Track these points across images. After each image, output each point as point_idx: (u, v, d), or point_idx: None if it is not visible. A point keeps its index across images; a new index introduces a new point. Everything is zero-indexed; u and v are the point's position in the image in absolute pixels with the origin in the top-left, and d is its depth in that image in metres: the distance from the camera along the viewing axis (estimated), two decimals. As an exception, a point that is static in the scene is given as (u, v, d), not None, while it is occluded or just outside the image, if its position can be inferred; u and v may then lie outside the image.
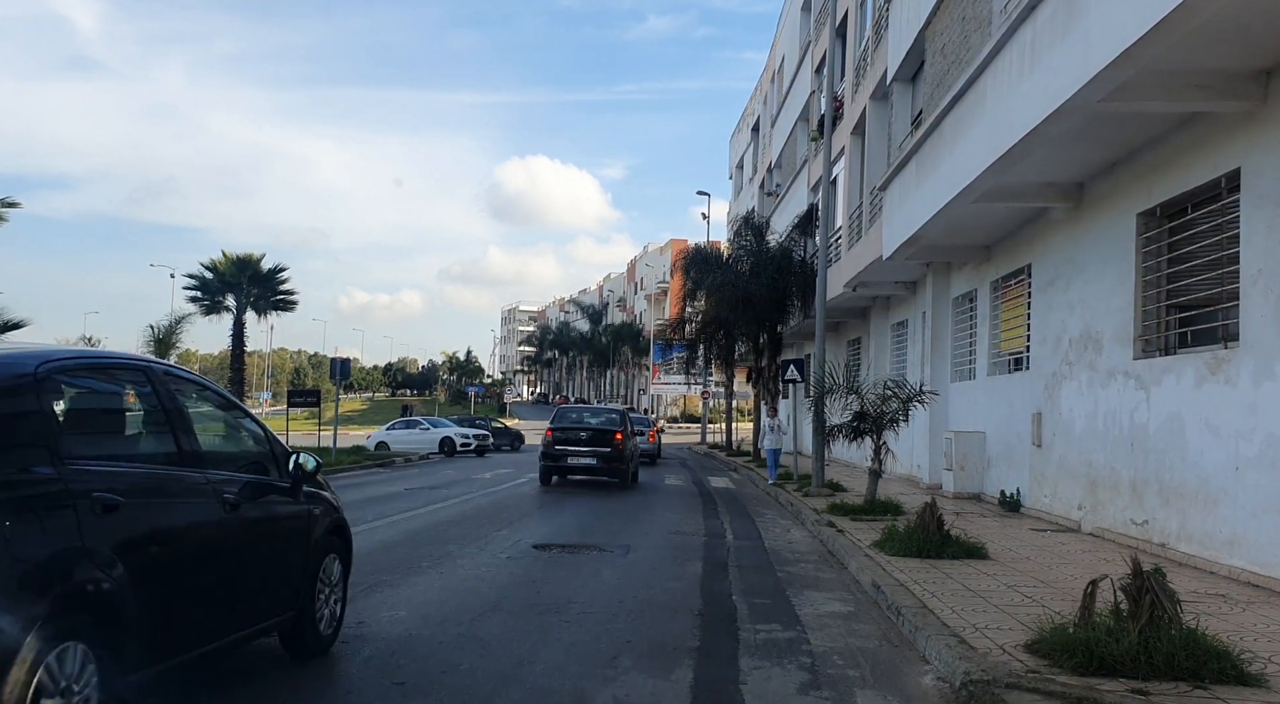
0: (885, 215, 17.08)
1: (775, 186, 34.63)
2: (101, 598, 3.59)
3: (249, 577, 4.92)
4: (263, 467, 5.34)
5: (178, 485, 4.42)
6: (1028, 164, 11.13)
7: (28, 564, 3.34)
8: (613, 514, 14.41)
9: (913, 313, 21.10)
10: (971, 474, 16.09)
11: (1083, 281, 12.10)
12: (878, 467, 14.01)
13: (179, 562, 4.30)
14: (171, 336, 28.74)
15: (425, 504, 14.84)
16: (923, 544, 9.45)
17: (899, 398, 14.04)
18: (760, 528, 13.11)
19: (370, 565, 8.80)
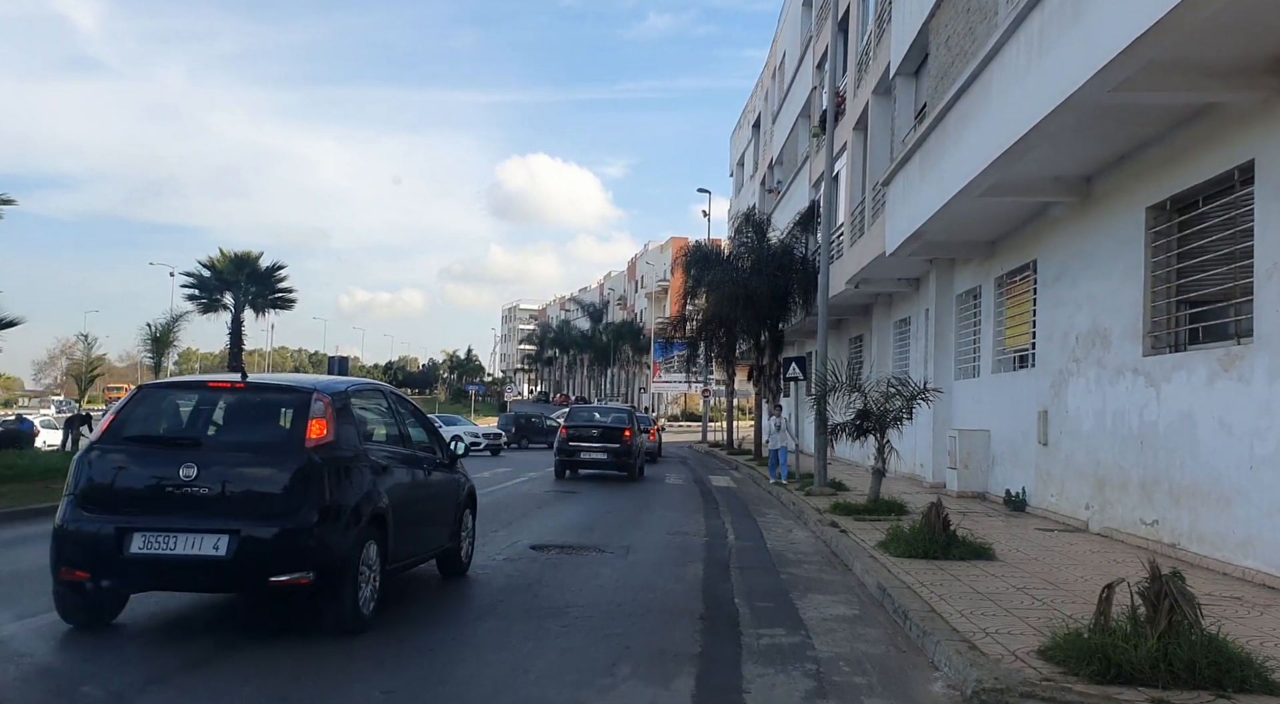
0: (888, 211, 16.87)
1: (776, 183, 34.40)
2: (382, 518, 6.46)
3: (434, 519, 7.77)
4: (433, 450, 8.13)
5: (403, 458, 7.30)
6: (1034, 158, 10.93)
7: (357, 497, 6.21)
8: (613, 514, 14.22)
9: (915, 310, 20.90)
10: (976, 473, 15.89)
11: (1090, 277, 11.89)
12: (881, 466, 13.82)
13: (407, 503, 7.02)
14: (169, 335, 28.54)
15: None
16: (928, 545, 9.25)
17: (903, 396, 13.83)
18: (762, 528, 12.92)
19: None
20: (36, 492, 14.19)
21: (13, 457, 18.71)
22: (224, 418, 6.55)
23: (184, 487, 5.76)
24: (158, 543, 5.68)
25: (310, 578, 5.77)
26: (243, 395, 6.51)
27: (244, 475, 5.94)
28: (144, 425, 6.32)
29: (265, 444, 6.19)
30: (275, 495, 5.86)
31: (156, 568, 5.74)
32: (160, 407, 6.53)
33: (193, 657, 5.58)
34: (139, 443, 6.17)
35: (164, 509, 5.78)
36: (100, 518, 5.81)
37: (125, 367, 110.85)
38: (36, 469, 17.47)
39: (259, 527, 5.73)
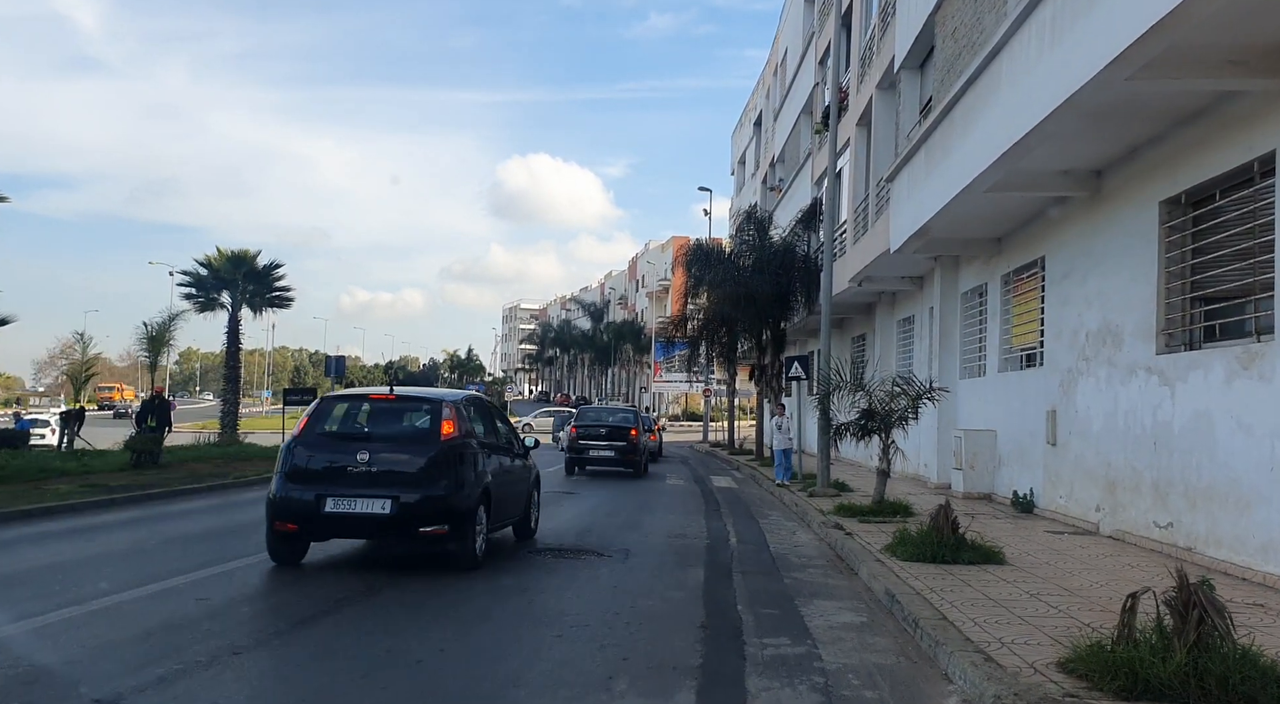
0: (893, 207, 16.58)
1: (778, 181, 34.11)
2: (488, 491, 8.71)
3: (516, 494, 10.06)
4: (512, 442, 10.58)
5: (497, 449, 9.68)
6: (1044, 151, 10.65)
7: (474, 474, 8.54)
8: (612, 515, 13.94)
9: (919, 308, 20.62)
10: (982, 474, 15.61)
11: (1101, 274, 11.61)
12: (886, 466, 13.53)
13: (501, 481, 9.34)
14: (165, 334, 28.24)
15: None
16: (937, 548, 8.97)
17: (908, 395, 13.54)
18: (765, 530, 12.64)
19: (355, 572, 8.35)
20: (27, 493, 13.94)
21: (6, 456, 18.46)
22: (382, 419, 9.10)
23: (359, 467, 8.26)
24: (343, 504, 8.14)
25: (445, 529, 8.25)
26: (394, 404, 9.25)
27: (399, 458, 8.46)
28: (328, 425, 8.91)
29: (413, 437, 8.80)
30: (421, 472, 8.33)
31: (343, 522, 8.26)
32: (336, 411, 9.18)
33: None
34: (326, 437, 8.74)
35: (346, 482, 8.24)
36: (303, 488, 8.28)
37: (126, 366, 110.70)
38: (31, 469, 17.23)
39: (411, 493, 8.17)
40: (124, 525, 11.74)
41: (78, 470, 18.19)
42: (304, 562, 8.67)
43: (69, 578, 7.79)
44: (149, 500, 14.48)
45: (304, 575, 8.23)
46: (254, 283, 30.83)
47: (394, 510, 8.05)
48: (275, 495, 8.36)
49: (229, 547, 9.79)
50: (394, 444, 8.65)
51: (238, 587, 7.58)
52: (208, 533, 11.26)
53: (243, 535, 10.84)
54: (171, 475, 17.77)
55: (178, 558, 8.99)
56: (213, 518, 12.89)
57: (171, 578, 7.70)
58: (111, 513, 13.01)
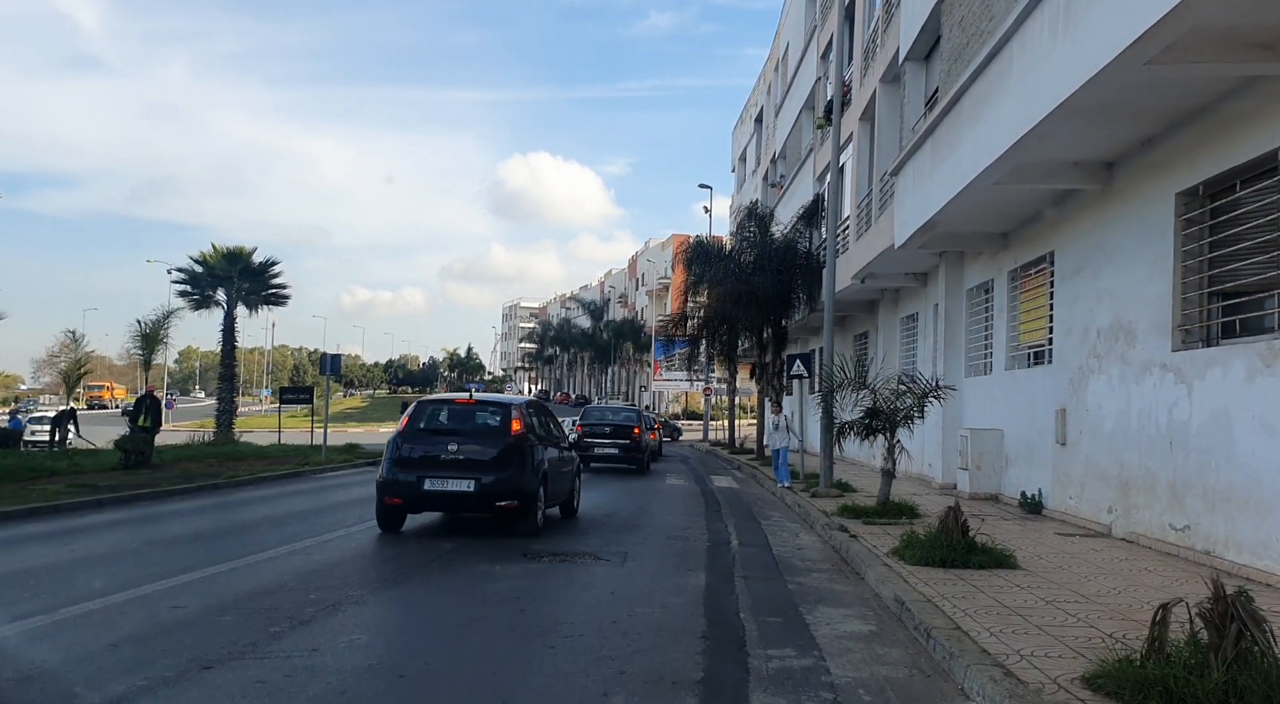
0: (897, 201, 16.25)
1: (779, 178, 33.77)
2: (545, 475, 10.92)
3: (563, 478, 12.06)
4: (560, 437, 12.73)
5: (550, 441, 11.71)
6: (1056, 142, 10.33)
7: (535, 461, 10.74)
8: (611, 516, 13.61)
9: (924, 305, 20.30)
10: (988, 474, 15.29)
11: (1113, 268, 11.29)
12: (891, 467, 13.21)
13: (554, 468, 11.38)
14: (159, 332, 27.89)
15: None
16: (946, 552, 8.65)
17: (914, 393, 13.24)
18: (767, 532, 12.32)
19: (341, 578, 8.03)
20: (13, 493, 13.61)
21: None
22: (464, 419, 11.19)
23: (449, 455, 10.46)
24: (437, 484, 10.29)
25: (515, 504, 10.42)
26: (473, 406, 11.42)
27: (479, 449, 10.57)
28: (423, 423, 11.11)
29: (489, 432, 10.85)
30: (496, 459, 10.45)
31: (438, 498, 10.43)
32: (429, 412, 11.37)
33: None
34: (423, 433, 10.90)
35: (439, 467, 10.38)
36: (406, 471, 10.41)
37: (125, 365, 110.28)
38: (21, 469, 16.92)
39: (489, 475, 10.31)
40: (108, 528, 11.42)
41: (68, 470, 17.88)
42: (286, 583, 8.28)
43: (40, 585, 7.47)
44: (137, 501, 14.15)
45: (286, 589, 7.90)
46: (250, 280, 30.53)
47: (476, 489, 10.24)
48: (384, 477, 10.52)
49: (216, 549, 9.48)
50: (474, 438, 10.75)
51: (219, 594, 7.25)
52: (195, 535, 10.93)
53: (229, 538, 10.54)
54: (162, 475, 17.44)
55: (159, 562, 8.66)
56: (201, 519, 12.56)
57: (147, 584, 7.37)
58: (97, 514, 12.69)
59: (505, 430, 10.69)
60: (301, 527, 11.33)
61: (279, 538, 10.21)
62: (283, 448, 27.13)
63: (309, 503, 14.70)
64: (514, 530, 10.53)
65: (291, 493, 16.38)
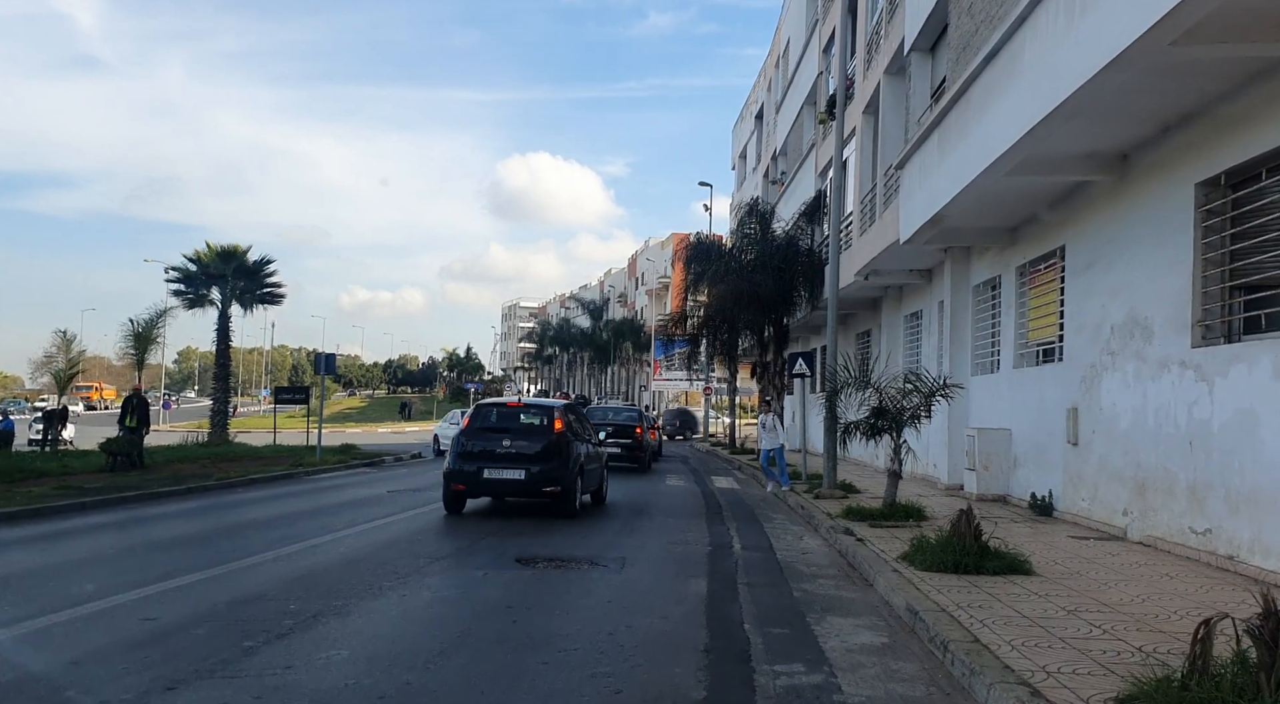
0: (903, 195, 15.88)
1: (780, 175, 33.39)
2: (581, 466, 12.94)
3: (595, 471, 13.95)
4: (592, 436, 14.33)
5: (583, 439, 13.60)
6: (1069, 131, 9.96)
7: (574, 455, 12.79)
8: (609, 518, 13.24)
9: (928, 303, 19.93)
10: (996, 475, 14.91)
11: (1127, 263, 10.92)
12: (897, 467, 12.83)
13: (587, 461, 13.35)
14: (152, 331, 27.48)
15: (405, 509, 13.65)
16: (958, 557, 8.29)
17: (921, 392, 12.86)
18: (770, 535, 11.95)
19: (325, 586, 7.65)
20: (1, 496, 13.26)
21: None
22: (514, 419, 13.20)
23: (503, 449, 12.47)
24: (494, 473, 12.31)
25: (559, 489, 12.35)
26: (522, 409, 13.53)
27: (528, 444, 12.52)
28: (481, 423, 13.18)
29: (536, 431, 12.77)
30: (542, 453, 12.41)
31: (495, 484, 12.42)
32: (486, 413, 13.51)
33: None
34: (482, 430, 12.94)
35: (496, 459, 12.38)
36: (468, 463, 12.43)
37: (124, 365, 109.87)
38: (10, 470, 16.56)
39: (536, 466, 12.31)
40: (89, 532, 11.04)
41: (57, 471, 17.52)
42: (266, 592, 7.95)
43: (6, 594, 7.11)
44: (123, 504, 13.79)
45: (266, 598, 7.53)
46: (244, 279, 30.13)
47: (526, 477, 12.28)
48: (451, 468, 12.68)
49: (197, 555, 9.11)
50: (524, 435, 12.77)
51: (194, 603, 6.88)
52: (178, 540, 10.56)
53: (213, 543, 10.18)
54: (152, 477, 17.07)
55: (136, 569, 8.29)
56: (186, 523, 12.20)
57: (120, 593, 7.00)
58: (80, 518, 12.32)
59: (549, 429, 12.79)
60: (289, 531, 10.95)
61: (264, 543, 9.83)
62: (277, 449, 26.77)
63: (299, 506, 14.33)
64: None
65: (282, 495, 16.01)
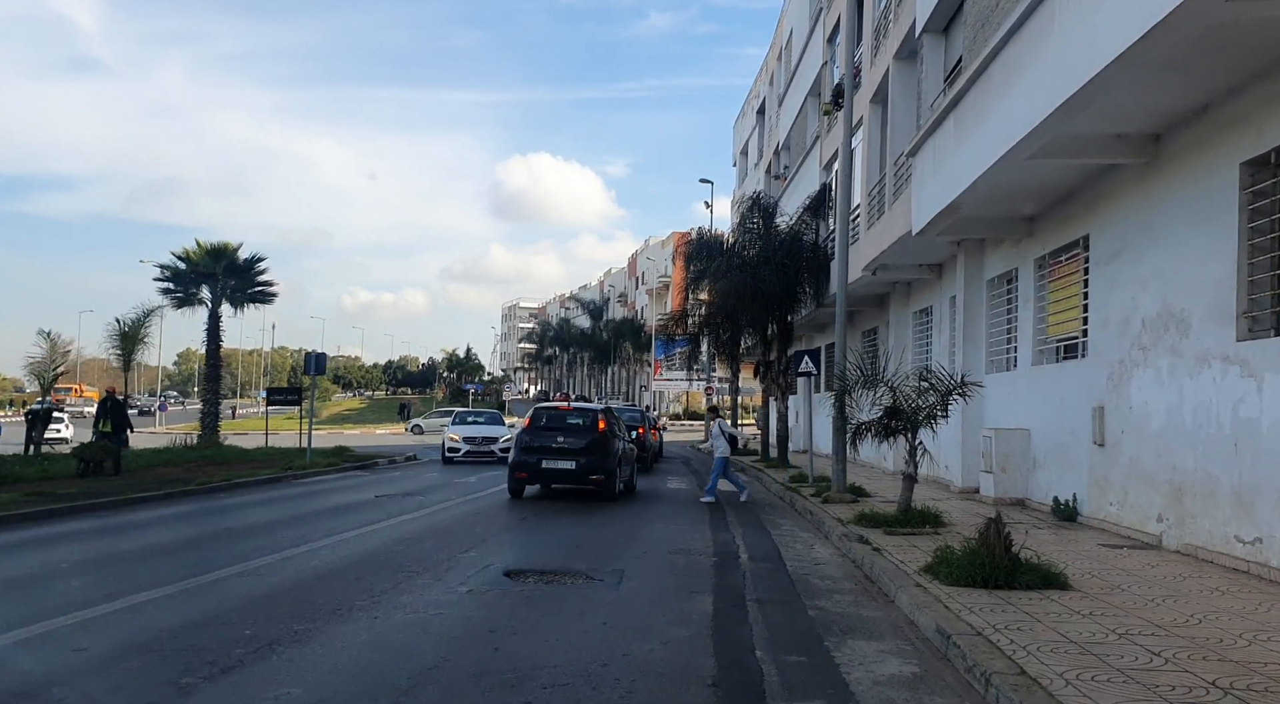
0: (915, 184, 15.13)
1: (783, 169, 32.64)
2: (620, 459, 16.14)
3: (629, 463, 17.13)
4: (624, 434, 17.64)
5: (620, 436, 16.85)
6: (1100, 109, 9.23)
7: (614, 449, 15.89)
8: (607, 525, 12.52)
9: (938, 298, 19.20)
10: (1015, 477, 14.17)
11: (1160, 251, 10.19)
12: (913, 470, 12.10)
13: (623, 455, 16.49)
14: (139, 331, 26.72)
15: (392, 516, 12.92)
16: (988, 570, 7.56)
17: (937, 391, 12.12)
18: (778, 543, 11.22)
19: (289, 607, 6.92)
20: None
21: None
22: (566, 419, 15.85)
23: (557, 444, 15.04)
24: (551, 463, 14.96)
25: (603, 478, 14.96)
26: (572, 411, 16.45)
27: (577, 440, 15.05)
28: (539, 422, 15.80)
29: (584, 429, 15.24)
30: (589, 447, 15.00)
31: (551, 473, 15.07)
32: (543, 414, 16.19)
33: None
34: (540, 428, 15.60)
35: (552, 452, 14.93)
36: (530, 455, 15.11)
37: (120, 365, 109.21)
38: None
39: (585, 459, 14.88)
40: (45, 544, 10.31)
41: (35, 476, 16.83)
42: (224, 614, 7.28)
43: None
44: (95, 511, 13.09)
45: (221, 621, 6.80)
46: (235, 277, 29.39)
47: (576, 467, 14.83)
48: (516, 460, 15.48)
49: (155, 570, 8.37)
50: (574, 433, 15.31)
51: (138, 629, 6.14)
52: (139, 552, 9.80)
53: (177, 555, 9.45)
54: (131, 482, 16.34)
55: (82, 587, 7.56)
56: (154, 533, 11.45)
57: (57, 617, 6.27)
58: (48, 526, 11.63)
59: (594, 428, 15.39)
60: (263, 541, 10.23)
61: (232, 555, 9.11)
62: (269, 451, 26.05)
63: (279, 512, 13.61)
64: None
65: (264, 501, 15.29)
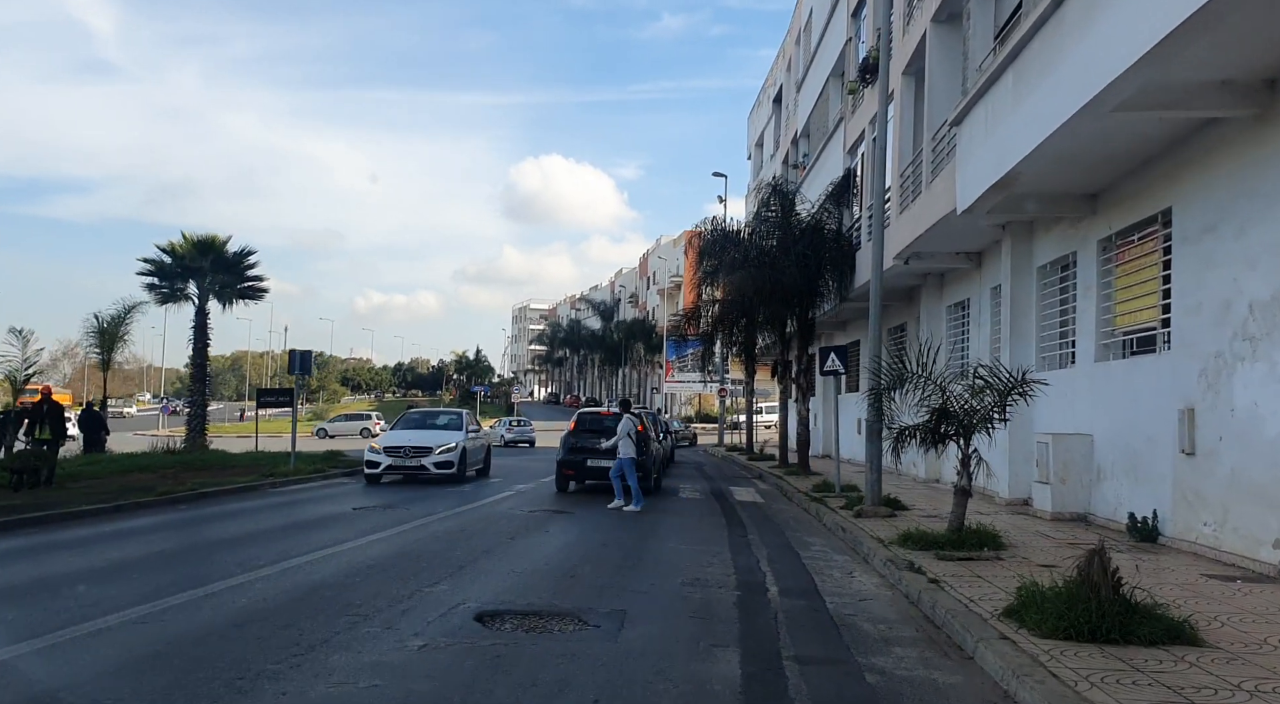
0: (961, 156, 13.40)
1: (802, 158, 30.92)
2: (655, 458, 18.95)
3: (652, 464, 18.11)
4: (656, 435, 21.67)
5: (653, 439, 19.26)
6: (1204, 47, 7.52)
7: (651, 449, 17.88)
8: (608, 546, 10.83)
9: (977, 290, 17.46)
10: (1075, 489, 12.45)
11: (1273, 222, 8.46)
12: (966, 483, 10.36)
13: (658, 457, 20.46)
14: (119, 328, 25.17)
15: (362, 534, 11.22)
16: (1095, 618, 5.86)
17: (994, 389, 10.38)
18: (811, 569, 9.50)
19: (174, 672, 5.23)
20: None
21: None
22: (607, 423, 17.49)
23: (600, 444, 16.75)
24: (594, 463, 16.89)
25: (640, 476, 15.41)
26: (613, 416, 17.11)
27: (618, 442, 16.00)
28: (583, 425, 18.27)
29: (624, 432, 15.44)
30: None
31: (594, 471, 16.98)
32: (585, 419, 18.68)
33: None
34: (584, 430, 18.05)
35: (596, 453, 16.88)
36: (576, 455, 17.52)
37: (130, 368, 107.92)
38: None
39: None
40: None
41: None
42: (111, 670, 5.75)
43: None
44: (25, 528, 11.50)
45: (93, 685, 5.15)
46: (223, 272, 27.81)
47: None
48: (562, 459, 17.48)
49: (29, 613, 6.69)
50: (615, 435, 15.50)
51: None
52: (32, 585, 7.97)
53: (73, 588, 7.61)
54: (82, 493, 14.70)
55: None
56: (72, 556, 9.69)
57: None
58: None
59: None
60: (194, 568, 8.57)
61: (141, 590, 7.39)
62: (255, 456, 24.45)
63: (234, 529, 11.97)
64: None
65: (226, 514, 13.66)
